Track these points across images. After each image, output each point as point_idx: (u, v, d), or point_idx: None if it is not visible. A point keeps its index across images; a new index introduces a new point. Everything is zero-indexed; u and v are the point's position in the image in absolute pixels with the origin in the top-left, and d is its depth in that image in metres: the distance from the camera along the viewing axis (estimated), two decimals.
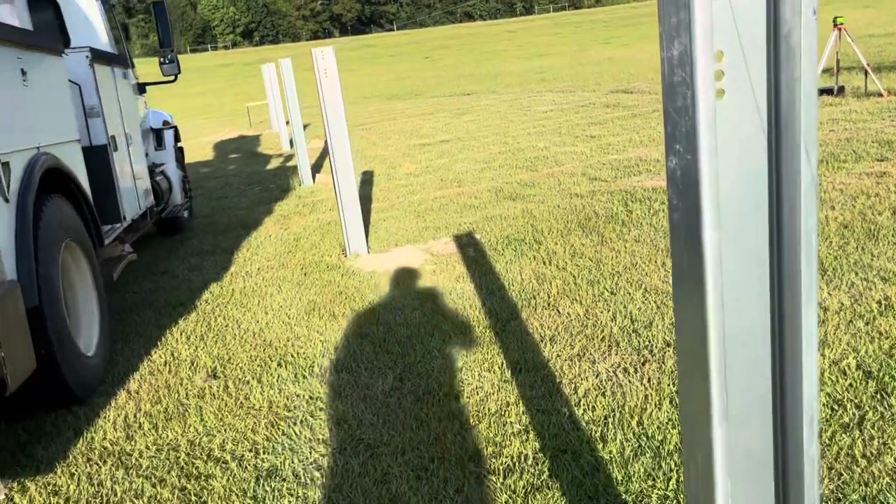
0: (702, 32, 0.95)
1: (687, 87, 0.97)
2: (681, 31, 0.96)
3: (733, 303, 1.03)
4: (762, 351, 1.06)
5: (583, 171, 8.02)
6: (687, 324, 1.06)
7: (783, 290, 1.06)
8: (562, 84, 20.91)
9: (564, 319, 3.83)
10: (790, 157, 1.03)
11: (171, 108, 24.25)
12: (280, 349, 3.91)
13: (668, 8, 0.97)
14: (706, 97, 0.96)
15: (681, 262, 1.05)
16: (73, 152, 3.97)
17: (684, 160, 1.00)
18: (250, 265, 5.76)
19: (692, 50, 0.95)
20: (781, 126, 1.03)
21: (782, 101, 1.03)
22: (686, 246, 1.03)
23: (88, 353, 3.62)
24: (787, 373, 1.06)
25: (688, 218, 1.02)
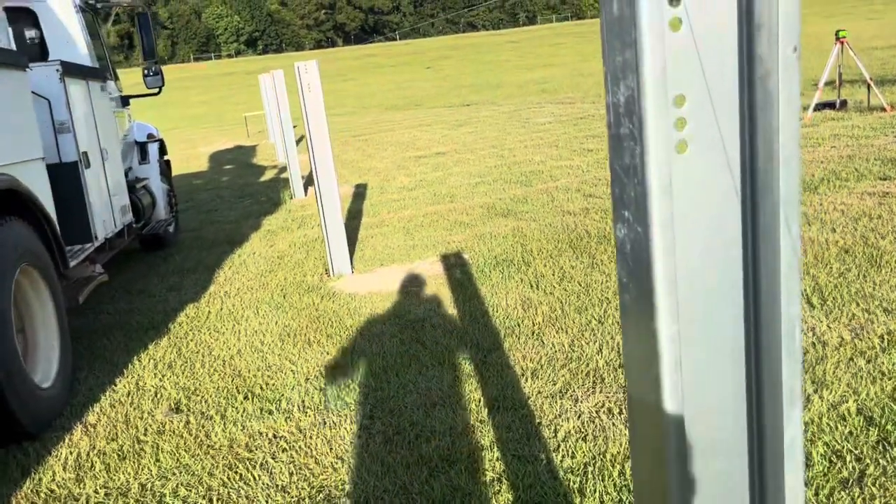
0: (653, 74, 0.75)
1: (635, 141, 0.78)
2: (627, 73, 0.77)
3: (698, 411, 0.83)
4: (736, 466, 0.86)
5: (577, 186, 7.84)
6: (641, 438, 0.86)
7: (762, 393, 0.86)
8: (561, 95, 20.76)
9: (548, 351, 3.63)
10: (768, 228, 0.84)
11: (169, 118, 24.23)
12: (249, 380, 3.71)
13: (611, 44, 0.78)
14: (659, 154, 0.77)
15: (632, 356, 0.86)
16: (35, 171, 3.78)
17: (634, 231, 0.80)
18: (230, 285, 5.57)
19: (640, 96, 0.76)
20: (758, 188, 0.84)
21: (759, 157, 0.83)
22: (638, 338, 0.83)
23: (44, 384, 3.42)
24: (769, 493, 0.86)
25: (639, 303, 0.82)
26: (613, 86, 0.79)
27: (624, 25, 0.75)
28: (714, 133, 0.84)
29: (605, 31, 0.78)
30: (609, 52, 0.79)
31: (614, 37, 0.77)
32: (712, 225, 0.84)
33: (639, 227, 0.80)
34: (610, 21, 0.78)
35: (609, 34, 0.78)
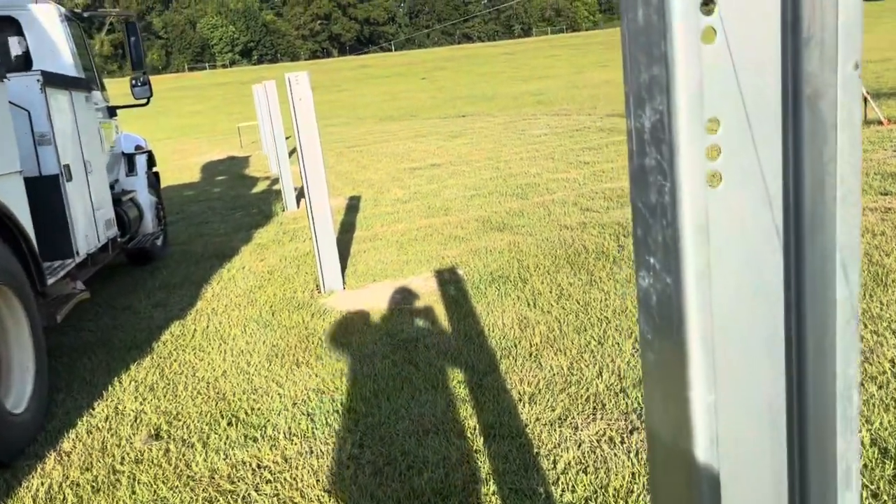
0: (687, 93, 0.62)
1: (664, 175, 0.64)
2: (654, 93, 0.63)
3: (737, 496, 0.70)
4: None
5: (574, 200, 7.72)
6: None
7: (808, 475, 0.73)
8: (557, 107, 20.69)
9: (546, 374, 3.48)
10: (819, 277, 0.70)
11: (162, 128, 24.13)
12: (234, 404, 3.55)
13: (635, 58, 0.65)
14: (694, 189, 0.63)
15: (658, 426, 0.72)
16: (11, 185, 3.64)
17: (661, 282, 0.67)
18: (218, 301, 5.41)
19: (671, 120, 0.62)
20: (805, 230, 0.70)
21: (806, 195, 0.70)
22: (665, 407, 0.70)
23: (17, 410, 3.26)
24: None
25: (667, 366, 0.69)
26: (637, 108, 0.66)
27: (651, 36, 0.62)
28: (752, 164, 0.71)
29: (627, 43, 0.65)
30: (632, 68, 0.65)
31: (639, 50, 0.64)
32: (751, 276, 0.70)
33: (668, 277, 0.66)
34: (633, 32, 0.64)
35: (632, 47, 0.64)
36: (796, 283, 0.73)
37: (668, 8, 0.60)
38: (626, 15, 0.65)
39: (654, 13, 0.61)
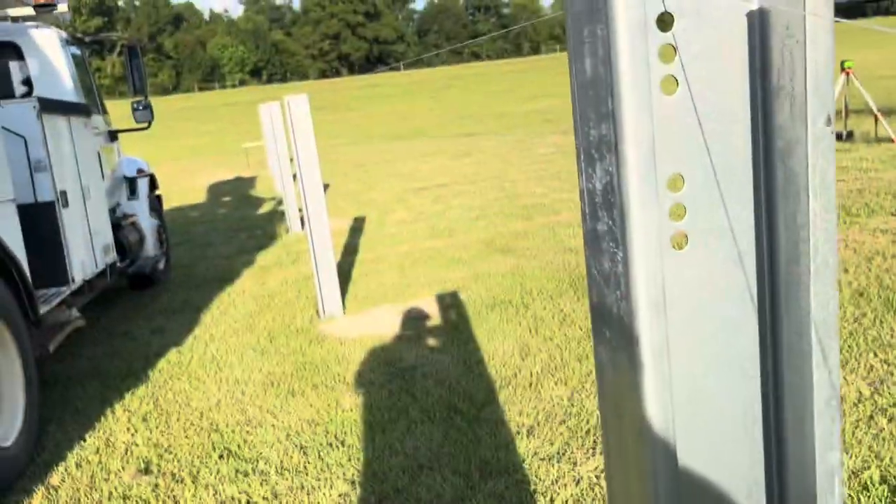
0: (637, 153, 0.55)
1: (616, 243, 0.57)
2: (604, 152, 0.57)
3: None
4: None
5: (580, 221, 7.63)
6: None
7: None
8: (564, 125, 20.66)
9: (546, 405, 3.39)
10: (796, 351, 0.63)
11: (169, 148, 24.21)
12: (227, 436, 3.48)
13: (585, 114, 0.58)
14: (649, 260, 0.57)
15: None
16: (3, 213, 3.60)
17: (617, 356, 0.60)
18: (216, 327, 5.35)
19: (622, 183, 0.56)
20: (780, 295, 0.63)
21: (781, 256, 0.63)
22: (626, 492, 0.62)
23: (5, 443, 3.20)
24: None
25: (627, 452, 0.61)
26: (588, 167, 0.59)
27: (599, 91, 0.56)
28: (721, 222, 0.64)
29: (576, 97, 0.59)
30: (582, 124, 0.59)
31: (587, 104, 0.57)
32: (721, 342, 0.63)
33: (623, 353, 0.59)
34: (582, 84, 0.58)
35: (581, 101, 0.58)
36: (773, 352, 0.66)
37: (616, 59, 0.53)
38: (574, 65, 0.59)
39: (601, 65, 0.55)
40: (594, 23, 0.54)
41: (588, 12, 0.54)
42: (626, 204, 0.55)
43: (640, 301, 0.55)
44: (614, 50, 0.53)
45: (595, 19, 0.53)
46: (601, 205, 0.58)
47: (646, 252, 0.55)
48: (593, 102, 0.57)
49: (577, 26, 0.56)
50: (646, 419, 0.58)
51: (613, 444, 0.64)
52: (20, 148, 4.21)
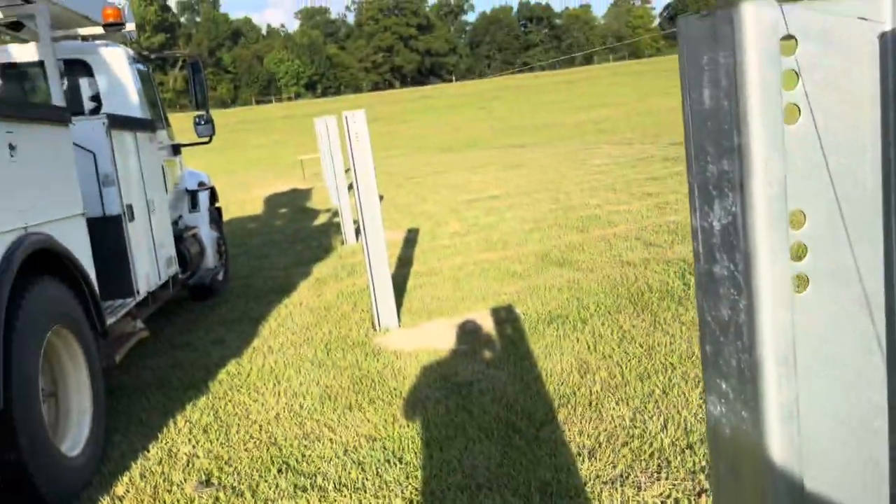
0: (767, 195, 0.50)
1: (738, 289, 0.52)
2: (725, 190, 0.52)
3: None
4: None
5: (637, 233, 7.50)
6: None
7: None
8: (619, 136, 20.42)
9: (607, 426, 3.31)
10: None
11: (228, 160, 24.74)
12: (285, 450, 3.49)
13: (701, 147, 0.53)
14: (777, 311, 0.51)
15: None
16: (74, 228, 3.70)
17: (735, 414, 0.55)
18: (274, 339, 5.41)
19: (747, 226, 0.51)
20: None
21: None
22: None
23: (73, 453, 3.27)
24: None
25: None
26: (704, 204, 0.55)
27: (721, 123, 0.51)
28: (846, 262, 0.58)
29: (690, 128, 0.54)
30: (697, 157, 0.54)
31: (705, 138, 0.53)
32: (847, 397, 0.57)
33: (744, 410, 0.54)
34: (698, 116, 0.53)
35: (697, 134, 0.54)
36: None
37: (744, 91, 0.49)
38: (690, 95, 0.54)
39: (723, 96, 0.50)
40: (716, 50, 0.49)
41: (709, 38, 0.50)
42: (751, 248, 0.51)
43: (767, 356, 0.51)
44: (742, 80, 0.48)
45: (717, 46, 0.49)
46: (720, 246, 0.54)
47: (774, 302, 0.51)
48: (713, 136, 0.52)
49: (695, 53, 0.52)
50: (770, 484, 0.53)
51: (728, 502, 0.59)
52: (90, 163, 4.34)
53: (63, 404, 3.41)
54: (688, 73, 0.53)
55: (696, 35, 0.52)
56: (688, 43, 0.53)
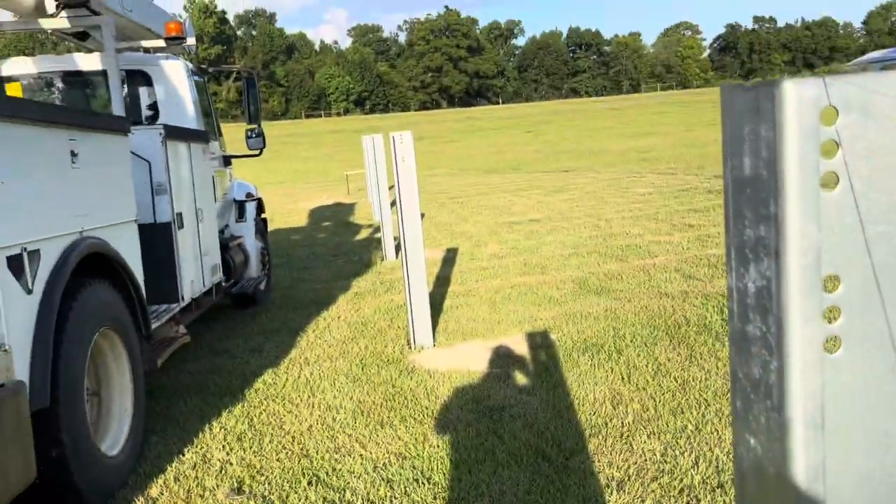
0: (801, 262, 0.53)
1: (769, 350, 0.55)
2: (761, 255, 0.55)
3: None
4: None
5: (677, 265, 7.43)
6: None
7: None
8: (663, 165, 20.26)
9: (638, 459, 3.29)
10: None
11: (275, 171, 25.18)
12: (316, 461, 3.54)
13: (739, 211, 0.56)
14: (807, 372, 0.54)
15: None
16: (127, 233, 3.84)
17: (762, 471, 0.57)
18: (311, 351, 5.49)
19: (781, 291, 0.53)
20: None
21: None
22: None
23: (112, 452, 3.37)
24: None
25: None
26: (740, 266, 0.58)
27: (759, 192, 0.54)
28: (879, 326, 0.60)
29: (730, 192, 0.57)
30: (735, 221, 0.57)
31: (743, 204, 0.56)
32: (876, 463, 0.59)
33: (772, 467, 0.56)
34: (738, 182, 0.56)
35: (736, 198, 0.56)
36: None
37: (782, 165, 0.51)
38: (730, 161, 0.57)
39: (763, 166, 0.53)
40: (757, 123, 0.52)
41: (752, 112, 0.53)
42: (784, 313, 0.53)
43: (795, 417, 0.53)
44: (780, 155, 0.51)
45: (759, 119, 0.52)
46: (753, 308, 0.56)
47: (804, 366, 0.53)
48: (751, 202, 0.55)
49: (737, 123, 0.55)
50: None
51: None
52: (144, 171, 4.49)
53: (105, 404, 3.52)
54: (729, 140, 0.56)
55: (740, 106, 0.55)
56: (731, 113, 0.56)
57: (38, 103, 3.97)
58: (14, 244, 2.70)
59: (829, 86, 0.56)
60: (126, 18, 5.68)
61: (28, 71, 5.75)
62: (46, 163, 3.02)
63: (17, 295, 2.70)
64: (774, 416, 0.55)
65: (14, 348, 2.63)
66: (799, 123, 0.51)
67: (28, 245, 2.79)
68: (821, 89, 0.55)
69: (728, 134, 0.56)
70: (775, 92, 0.51)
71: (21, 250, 2.74)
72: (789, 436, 0.54)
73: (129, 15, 5.74)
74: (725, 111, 0.56)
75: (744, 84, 0.54)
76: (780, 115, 0.51)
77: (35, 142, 2.94)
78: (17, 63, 5.84)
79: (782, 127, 0.51)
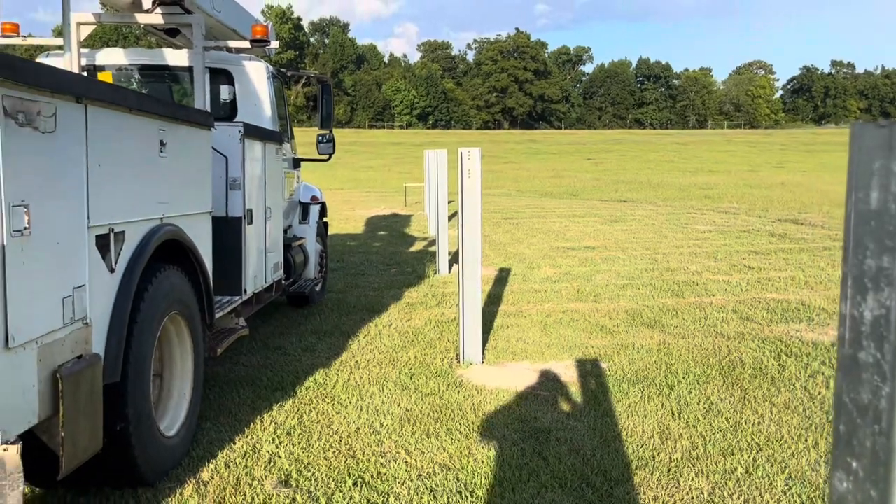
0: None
1: (882, 377, 0.57)
2: (881, 284, 0.57)
3: None
4: None
5: (734, 306, 7.30)
6: None
7: None
8: (725, 204, 19.91)
9: (684, 496, 3.25)
10: None
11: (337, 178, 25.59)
12: (362, 463, 3.60)
13: (861, 241, 0.59)
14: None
15: None
16: (201, 224, 3.98)
17: (863, 493, 0.59)
18: (362, 355, 5.57)
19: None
20: None
21: None
22: None
23: (169, 433, 3.49)
24: None
25: None
26: (856, 294, 0.60)
27: (885, 225, 0.57)
28: None
29: (852, 222, 0.60)
30: (856, 249, 0.60)
31: (867, 233, 0.58)
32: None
33: (873, 490, 0.58)
34: (862, 213, 0.59)
35: (858, 228, 0.59)
36: None
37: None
38: (855, 193, 0.60)
39: (892, 200, 0.56)
40: (889, 158, 0.55)
41: (883, 148, 0.56)
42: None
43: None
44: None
45: (892, 155, 0.55)
46: (868, 335, 0.59)
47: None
48: (875, 234, 0.58)
49: (867, 157, 0.58)
50: None
51: None
52: (221, 166, 4.65)
53: (166, 386, 3.65)
54: (856, 173, 0.59)
55: (870, 142, 0.58)
56: (860, 147, 0.59)
57: (135, 92, 4.16)
58: (104, 224, 2.84)
59: None
60: (215, 18, 5.91)
61: (120, 62, 6.02)
62: (137, 150, 3.17)
63: (102, 272, 2.84)
64: (882, 440, 0.57)
65: (94, 323, 2.76)
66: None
67: (116, 226, 2.93)
68: None
69: (856, 167, 0.59)
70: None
71: (109, 230, 2.88)
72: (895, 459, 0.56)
73: (219, 15, 5.97)
74: (855, 145, 0.59)
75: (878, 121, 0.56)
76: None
77: (129, 129, 3.09)
78: (110, 53, 6.12)
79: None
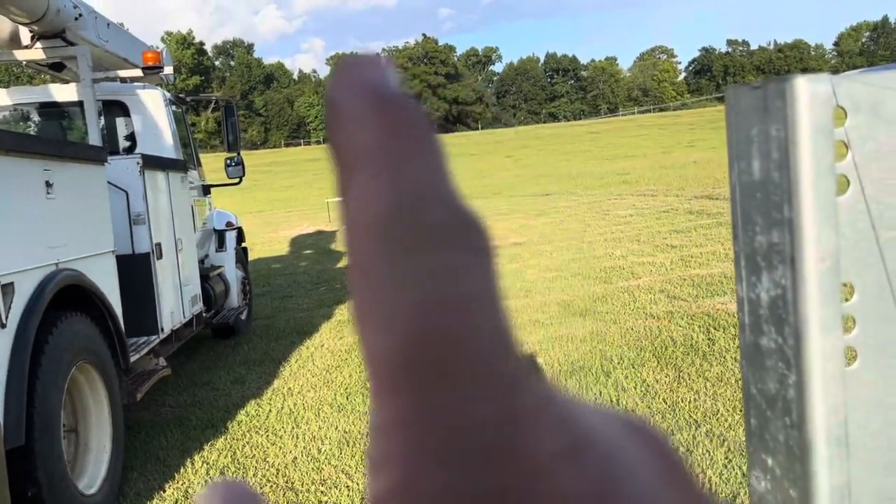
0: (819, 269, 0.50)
1: (787, 364, 0.51)
2: (774, 262, 0.51)
3: None
4: None
5: (661, 286, 7.44)
6: None
7: None
8: (643, 187, 20.43)
9: None
10: None
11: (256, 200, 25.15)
12: (302, 495, 3.45)
13: (749, 217, 0.53)
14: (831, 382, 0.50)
15: None
16: (104, 264, 3.76)
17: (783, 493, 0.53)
18: (294, 381, 5.40)
19: (798, 300, 0.50)
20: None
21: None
22: None
23: (89, 491, 3.26)
24: None
25: None
26: (751, 275, 0.54)
27: (771, 195, 0.51)
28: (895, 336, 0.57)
29: (738, 198, 0.54)
30: (744, 227, 0.54)
31: (753, 209, 0.53)
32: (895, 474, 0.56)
33: (792, 489, 0.53)
34: (746, 186, 0.53)
35: (745, 204, 0.53)
36: None
37: (796, 166, 0.48)
38: (737, 164, 0.54)
39: (774, 168, 0.50)
40: (767, 122, 0.50)
41: (759, 110, 0.50)
42: (802, 322, 0.50)
43: (818, 434, 0.49)
44: (794, 154, 0.48)
45: (769, 118, 0.49)
46: (767, 319, 0.53)
47: (825, 378, 0.49)
48: (762, 207, 0.52)
49: (744, 124, 0.52)
50: None
51: None
52: (122, 202, 4.42)
53: (83, 440, 3.42)
54: (736, 143, 0.53)
55: (747, 107, 0.52)
56: (737, 114, 0.53)
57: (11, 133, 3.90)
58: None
59: (836, 85, 0.53)
60: (102, 49, 5.64)
61: (2, 102, 5.68)
62: (20, 193, 2.96)
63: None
64: (794, 433, 0.51)
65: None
66: (812, 121, 0.48)
67: (2, 278, 2.72)
68: (830, 87, 0.52)
69: (734, 136, 0.53)
70: (786, 89, 0.48)
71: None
72: (812, 455, 0.50)
73: (105, 45, 5.71)
74: (731, 112, 0.53)
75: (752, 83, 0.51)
76: (792, 112, 0.48)
77: (8, 173, 2.88)
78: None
79: (795, 126, 0.48)
